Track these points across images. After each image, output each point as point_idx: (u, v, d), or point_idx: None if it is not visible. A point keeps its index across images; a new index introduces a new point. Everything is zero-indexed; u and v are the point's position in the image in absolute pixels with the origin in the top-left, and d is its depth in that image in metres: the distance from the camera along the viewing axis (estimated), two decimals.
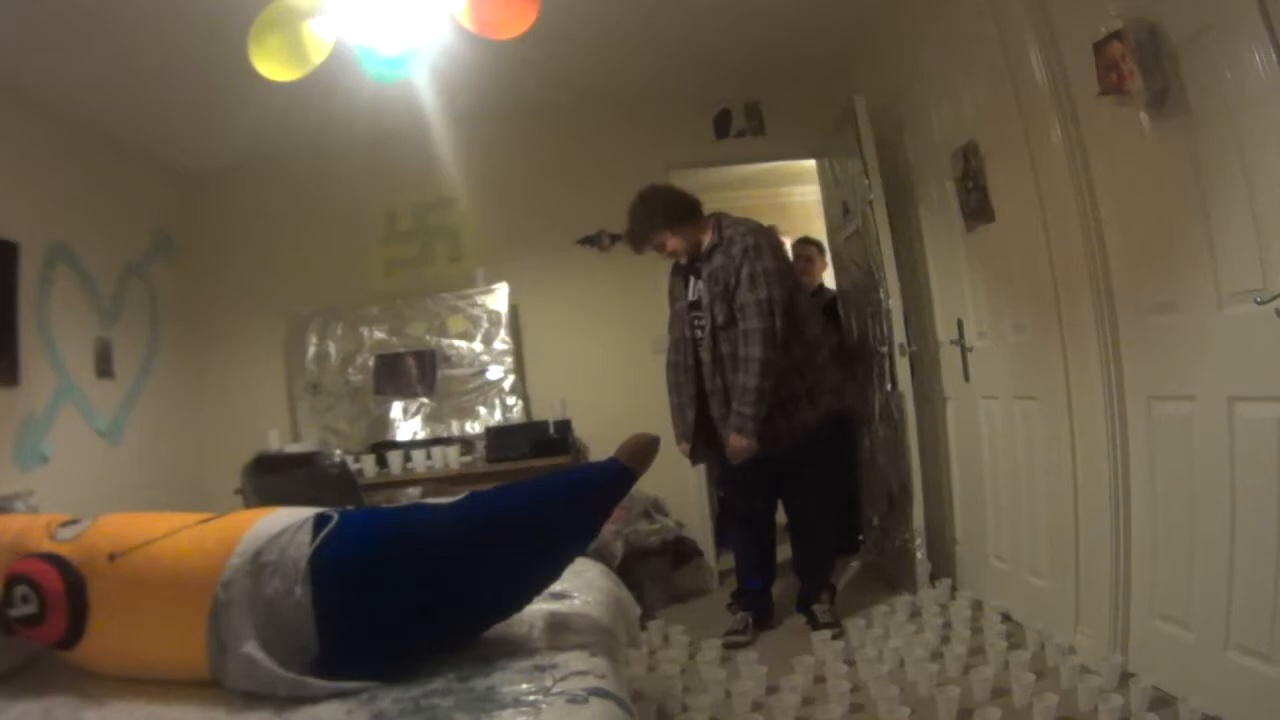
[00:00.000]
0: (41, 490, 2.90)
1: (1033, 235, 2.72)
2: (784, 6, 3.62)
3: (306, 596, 1.41)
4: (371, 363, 4.50)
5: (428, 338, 4.50)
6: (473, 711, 1.26)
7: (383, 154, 4.42)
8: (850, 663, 2.79)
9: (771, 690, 2.57)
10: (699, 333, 3.21)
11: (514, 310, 4.50)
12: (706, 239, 3.18)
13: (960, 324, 3.33)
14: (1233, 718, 2.01)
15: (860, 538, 4.30)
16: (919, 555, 3.47)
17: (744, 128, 4.54)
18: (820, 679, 2.66)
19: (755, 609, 3.33)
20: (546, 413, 4.25)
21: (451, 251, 4.62)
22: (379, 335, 4.53)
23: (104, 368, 3.79)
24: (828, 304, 4.33)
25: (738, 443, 3.05)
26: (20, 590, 1.43)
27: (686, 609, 3.79)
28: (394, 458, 4.12)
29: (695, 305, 3.22)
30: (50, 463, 3.34)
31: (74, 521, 1.55)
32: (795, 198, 6.15)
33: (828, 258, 4.64)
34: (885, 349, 3.56)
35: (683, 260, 3.27)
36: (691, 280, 3.25)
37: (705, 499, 4.34)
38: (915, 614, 3.22)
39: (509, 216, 4.55)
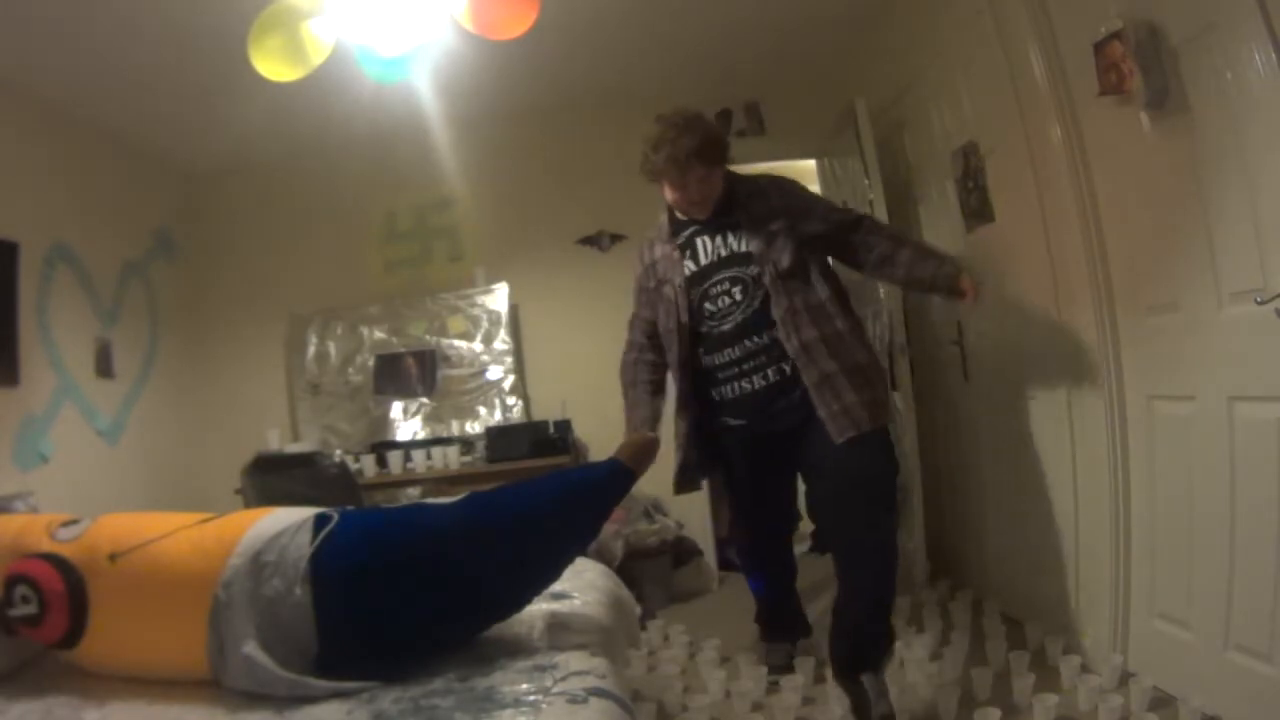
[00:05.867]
0: (41, 490, 2.90)
1: (1033, 235, 2.72)
2: (784, 7, 3.62)
3: (306, 596, 1.42)
4: (371, 363, 4.50)
5: (428, 338, 4.50)
6: (473, 711, 1.26)
7: (383, 154, 4.43)
8: None
9: (772, 690, 2.57)
10: (724, 300, 2.47)
11: (514, 310, 4.50)
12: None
13: (960, 324, 3.33)
14: (1233, 718, 2.01)
15: None
16: (919, 555, 3.47)
17: (744, 128, 4.54)
18: (820, 679, 2.66)
19: (792, 636, 2.86)
20: (546, 413, 4.26)
21: (451, 251, 4.62)
22: (379, 335, 4.53)
23: (104, 368, 3.79)
24: None
25: (967, 283, 2.42)
26: (20, 590, 1.43)
27: (686, 609, 3.79)
28: (394, 458, 4.12)
29: (718, 265, 2.50)
30: (50, 463, 3.34)
31: (74, 521, 1.54)
32: None
33: None
34: (885, 349, 3.56)
35: (699, 214, 2.57)
36: (703, 241, 2.55)
37: (705, 499, 4.33)
38: (915, 614, 3.22)
39: (509, 216, 4.55)
